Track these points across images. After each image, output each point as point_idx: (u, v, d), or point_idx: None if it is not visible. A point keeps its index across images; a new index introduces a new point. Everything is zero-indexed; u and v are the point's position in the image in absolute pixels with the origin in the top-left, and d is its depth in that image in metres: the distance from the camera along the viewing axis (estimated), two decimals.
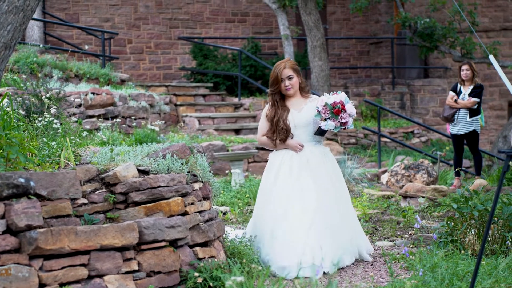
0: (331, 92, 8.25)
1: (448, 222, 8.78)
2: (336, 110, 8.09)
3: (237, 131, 19.95)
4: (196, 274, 6.82)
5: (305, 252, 7.84)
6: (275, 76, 8.41)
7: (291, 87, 8.43)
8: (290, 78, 8.40)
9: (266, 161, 17.10)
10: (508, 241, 8.17)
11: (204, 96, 22.56)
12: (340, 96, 8.19)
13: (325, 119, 8.18)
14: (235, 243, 8.06)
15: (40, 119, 10.24)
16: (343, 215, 8.40)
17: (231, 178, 14.26)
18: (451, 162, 16.19)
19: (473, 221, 8.45)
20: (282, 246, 7.99)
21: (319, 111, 8.18)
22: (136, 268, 6.81)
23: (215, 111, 21.44)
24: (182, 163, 7.63)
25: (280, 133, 8.44)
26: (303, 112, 8.45)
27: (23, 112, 11.72)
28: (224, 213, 11.58)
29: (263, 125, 8.64)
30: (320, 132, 8.45)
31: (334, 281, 4.98)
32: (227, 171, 15.26)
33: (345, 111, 8.16)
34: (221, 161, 16.29)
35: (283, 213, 8.18)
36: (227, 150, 16.46)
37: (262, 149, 16.93)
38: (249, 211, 11.76)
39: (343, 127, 8.31)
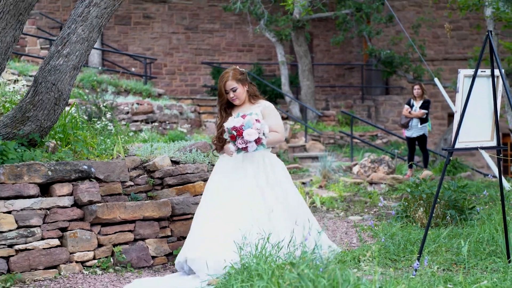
0: (240, 113, 6.32)
1: (403, 202, 8.80)
2: (231, 136, 6.16)
3: None
4: None
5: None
6: (219, 89, 6.53)
7: (236, 98, 6.47)
8: (234, 90, 6.45)
9: None
10: (448, 217, 8.18)
11: None
12: (244, 120, 6.18)
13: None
14: None
15: (98, 122, 10.26)
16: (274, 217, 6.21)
17: None
18: (405, 157, 16.18)
19: (421, 201, 8.46)
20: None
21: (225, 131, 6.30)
22: (169, 234, 6.84)
23: None
24: (204, 156, 7.65)
25: (218, 140, 6.55)
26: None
27: (86, 117, 11.76)
28: None
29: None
30: None
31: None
32: None
33: (242, 138, 6.11)
34: None
35: (211, 213, 6.30)
36: None
37: None
38: None
39: (243, 152, 6.23)
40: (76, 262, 6.18)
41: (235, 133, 6.12)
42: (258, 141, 6.18)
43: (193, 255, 6.00)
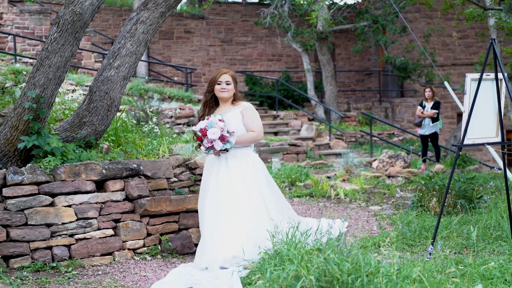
0: (207, 116, 6.13)
1: (418, 193, 8.73)
2: (198, 137, 6.02)
3: (275, 133, 19.89)
4: None
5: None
6: (213, 78, 6.29)
7: (227, 91, 6.20)
8: (228, 83, 6.22)
9: (296, 153, 16.78)
10: (458, 205, 8.10)
11: None
12: (207, 121, 6.01)
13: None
14: None
15: (146, 126, 10.33)
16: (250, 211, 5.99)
17: (271, 165, 14.25)
18: (419, 153, 16.06)
19: (434, 192, 8.40)
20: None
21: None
22: None
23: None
24: None
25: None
26: None
27: (135, 121, 11.83)
28: None
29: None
30: None
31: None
32: (269, 160, 15.24)
33: (207, 137, 5.92)
34: (264, 153, 16.27)
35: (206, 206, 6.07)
36: (269, 146, 16.43)
37: (293, 145, 16.86)
38: (284, 186, 11.74)
39: (212, 150, 6.01)
40: (128, 249, 6.23)
41: (200, 134, 5.98)
42: (223, 139, 5.96)
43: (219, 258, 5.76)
